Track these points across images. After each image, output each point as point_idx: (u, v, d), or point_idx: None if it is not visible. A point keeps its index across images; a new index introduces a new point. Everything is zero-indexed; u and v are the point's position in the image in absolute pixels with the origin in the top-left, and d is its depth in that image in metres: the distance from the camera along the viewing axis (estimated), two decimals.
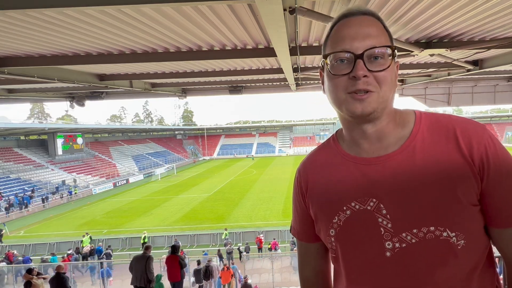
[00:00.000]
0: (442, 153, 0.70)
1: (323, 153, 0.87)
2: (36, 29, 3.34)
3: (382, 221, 0.71)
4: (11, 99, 8.41)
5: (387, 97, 0.71)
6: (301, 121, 73.43)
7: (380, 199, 0.72)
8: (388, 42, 0.72)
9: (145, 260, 6.67)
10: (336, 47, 0.71)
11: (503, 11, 3.41)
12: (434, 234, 0.68)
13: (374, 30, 0.70)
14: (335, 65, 0.71)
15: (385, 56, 0.70)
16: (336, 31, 0.73)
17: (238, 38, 4.15)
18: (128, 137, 56.57)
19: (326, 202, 0.80)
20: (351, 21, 0.71)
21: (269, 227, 17.70)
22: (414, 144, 0.73)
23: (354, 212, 0.75)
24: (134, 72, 6.49)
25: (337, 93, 0.72)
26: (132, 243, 17.06)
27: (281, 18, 2.48)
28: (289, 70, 5.49)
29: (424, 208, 0.68)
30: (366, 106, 0.69)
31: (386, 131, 0.75)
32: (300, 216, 0.90)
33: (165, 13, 3.12)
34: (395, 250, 0.70)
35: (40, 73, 5.07)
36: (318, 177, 0.83)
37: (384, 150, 0.75)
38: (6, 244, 16.90)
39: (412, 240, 0.69)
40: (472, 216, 0.70)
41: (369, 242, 0.73)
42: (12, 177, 30.65)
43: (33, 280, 6.43)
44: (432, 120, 0.76)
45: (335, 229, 0.77)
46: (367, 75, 0.68)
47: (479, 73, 6.91)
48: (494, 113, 66.00)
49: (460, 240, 0.68)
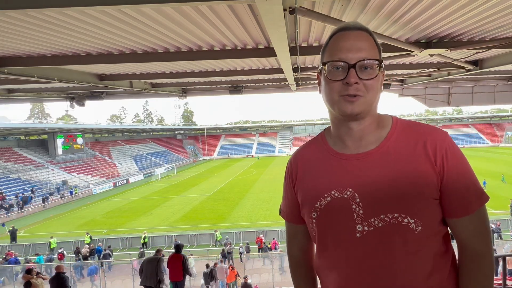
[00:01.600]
0: (412, 154, 0.85)
1: (311, 147, 1.02)
2: (36, 29, 3.34)
3: (355, 208, 0.86)
4: (11, 99, 8.41)
5: (372, 101, 0.86)
6: (301, 121, 73.38)
7: (355, 189, 0.86)
8: (377, 55, 0.86)
9: (157, 261, 6.99)
10: (333, 56, 0.85)
11: (503, 11, 3.41)
12: (397, 220, 0.82)
13: (367, 45, 0.85)
14: (332, 71, 0.85)
15: (374, 67, 0.84)
16: (334, 41, 0.87)
17: (238, 38, 4.15)
18: (128, 137, 56.55)
19: (311, 190, 0.94)
20: (348, 35, 0.86)
21: (269, 227, 17.69)
22: (389, 144, 0.88)
23: (333, 199, 0.89)
24: (134, 72, 6.49)
25: (332, 95, 0.86)
26: (132, 243, 17.06)
27: (281, 18, 2.48)
28: (289, 70, 5.49)
29: (392, 199, 0.82)
30: (355, 107, 0.84)
31: (368, 131, 0.90)
32: (289, 201, 1.05)
33: (165, 13, 3.12)
34: (363, 232, 0.85)
35: (40, 73, 5.07)
36: (306, 168, 0.98)
37: (363, 148, 0.90)
38: (6, 244, 16.90)
39: (379, 224, 0.83)
40: (431, 207, 0.84)
41: (343, 224, 0.87)
42: (12, 177, 30.64)
43: (33, 280, 6.42)
44: (405, 125, 0.92)
45: (317, 212, 0.91)
46: (358, 82, 0.83)
47: (479, 73, 6.91)
48: (494, 113, 65.97)
49: (418, 226, 0.83)
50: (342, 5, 3.19)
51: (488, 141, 60.87)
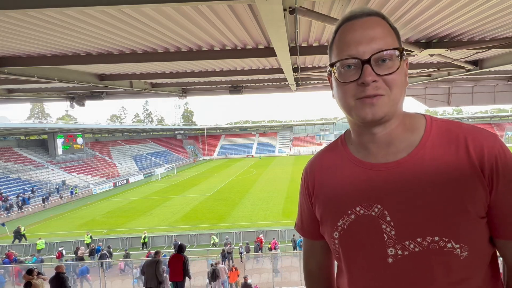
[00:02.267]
0: (452, 163, 0.69)
1: (330, 154, 0.87)
2: (36, 29, 3.35)
3: (386, 228, 0.72)
4: (11, 99, 8.41)
5: (397, 99, 0.70)
6: (301, 121, 73.34)
7: (385, 205, 0.72)
8: (395, 42, 0.70)
9: (155, 263, 7.07)
10: (341, 54, 0.70)
11: (503, 11, 3.41)
12: (438, 244, 0.67)
13: (380, 32, 0.68)
14: (343, 72, 0.70)
15: (393, 57, 0.68)
16: (340, 36, 0.72)
17: (238, 38, 4.15)
18: (128, 137, 56.54)
19: (331, 205, 0.81)
20: (354, 24, 0.70)
21: (269, 227, 17.69)
22: (423, 152, 0.72)
23: (359, 216, 0.75)
24: (134, 72, 6.49)
25: (347, 99, 0.71)
26: (132, 243, 17.05)
27: (281, 18, 2.48)
28: (289, 70, 5.49)
29: (430, 218, 0.68)
30: (377, 111, 0.68)
31: (395, 135, 0.75)
32: (306, 215, 0.92)
33: (165, 13, 3.12)
34: (397, 257, 0.71)
35: (40, 73, 5.07)
36: (325, 179, 0.84)
37: (392, 156, 0.74)
38: (6, 244, 16.89)
39: (415, 248, 0.69)
40: (479, 228, 0.69)
41: (372, 247, 0.73)
42: (12, 177, 30.63)
43: (33, 280, 6.41)
44: (443, 128, 0.75)
45: (339, 232, 0.78)
46: (376, 79, 0.67)
47: (479, 73, 6.92)
48: (494, 113, 66.00)
49: (464, 252, 0.67)
50: (342, 5, 3.19)
51: None
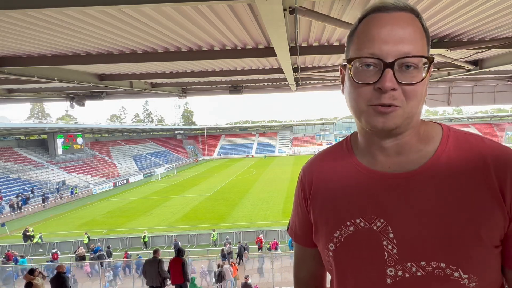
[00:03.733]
0: (470, 182, 0.61)
1: (333, 156, 0.78)
2: (36, 29, 3.35)
3: (387, 245, 0.64)
4: (11, 99, 8.41)
5: (413, 113, 0.62)
6: (301, 121, 73.33)
7: (388, 220, 0.65)
8: (425, 49, 0.61)
9: (157, 263, 7.24)
10: (362, 50, 0.61)
11: (503, 11, 3.41)
12: (444, 272, 0.60)
13: (411, 33, 0.59)
14: (360, 70, 0.61)
15: (420, 66, 0.59)
16: (365, 28, 0.62)
17: (238, 38, 4.15)
18: (128, 137, 56.54)
19: (329, 213, 0.73)
20: (384, 18, 0.60)
21: (269, 227, 17.69)
22: (437, 165, 0.64)
23: (358, 229, 0.68)
24: (134, 72, 6.49)
25: (358, 103, 0.63)
26: (132, 243, 17.05)
27: (281, 18, 2.48)
28: (289, 70, 5.49)
29: (439, 241, 0.60)
30: (389, 121, 0.60)
31: (407, 146, 0.67)
32: (300, 219, 0.83)
33: (165, 13, 3.12)
34: (396, 278, 0.63)
35: (40, 73, 5.07)
36: (324, 183, 0.76)
37: (402, 167, 0.66)
38: (6, 244, 16.89)
39: (418, 272, 0.61)
40: (491, 258, 0.61)
41: (370, 265, 0.66)
42: (12, 177, 30.63)
43: (34, 281, 6.40)
44: (461, 140, 0.66)
45: (335, 244, 0.71)
46: (395, 88, 0.58)
47: (479, 73, 6.92)
48: (494, 113, 65.98)
49: (472, 282, 0.60)
50: (342, 5, 3.19)
51: None
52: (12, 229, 21.09)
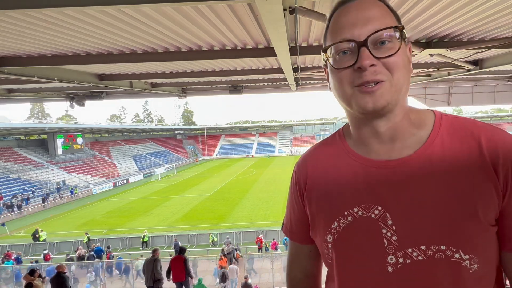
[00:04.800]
0: (464, 164, 0.62)
1: (327, 148, 0.79)
2: (36, 29, 3.34)
3: (387, 233, 0.64)
4: (11, 99, 8.41)
5: (400, 85, 0.62)
6: (301, 121, 73.35)
7: (386, 207, 0.65)
8: (394, 22, 0.63)
9: (153, 262, 7.29)
10: (335, 38, 0.64)
11: (503, 11, 3.41)
12: (445, 254, 0.60)
13: (376, 12, 0.62)
14: (337, 58, 0.64)
15: (393, 39, 0.61)
16: (334, 21, 0.66)
17: (238, 38, 4.15)
18: (128, 137, 56.55)
19: (325, 204, 0.73)
20: (349, 7, 0.64)
21: (269, 227, 17.68)
22: (431, 149, 0.65)
23: (356, 219, 0.67)
24: (134, 72, 6.49)
25: (343, 88, 0.64)
26: (132, 243, 17.05)
27: (281, 18, 2.48)
28: (289, 70, 5.49)
29: (437, 224, 0.61)
30: (378, 99, 0.61)
31: (400, 130, 0.67)
32: (296, 215, 0.82)
33: (165, 13, 3.12)
34: (397, 266, 0.63)
35: (40, 73, 5.07)
36: (319, 175, 0.76)
37: (396, 153, 0.67)
38: (6, 244, 16.89)
39: (419, 257, 0.62)
40: (490, 238, 0.62)
41: (370, 254, 0.66)
42: (12, 177, 30.64)
43: (34, 281, 6.39)
44: (454, 124, 0.67)
45: (333, 235, 0.70)
46: (374, 63, 0.60)
47: (479, 73, 6.92)
48: (494, 113, 65.99)
49: (473, 264, 0.60)
50: None
51: None
52: (12, 229, 21.10)
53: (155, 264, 7.24)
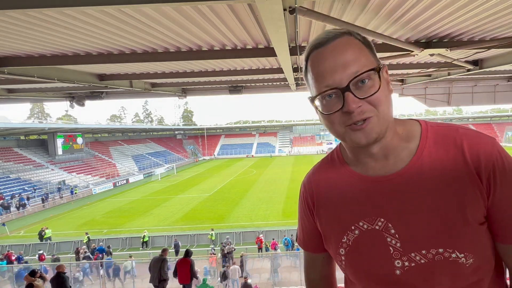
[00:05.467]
0: (450, 171, 0.68)
1: (328, 169, 0.86)
2: (36, 29, 3.34)
3: (391, 241, 0.71)
4: (11, 99, 8.41)
5: (387, 115, 0.69)
6: (301, 121, 73.31)
7: (388, 218, 0.72)
8: (369, 59, 0.68)
9: (161, 262, 7.39)
10: (319, 87, 0.68)
11: (503, 11, 3.41)
12: (443, 256, 0.67)
13: (351, 54, 0.66)
14: (325, 103, 0.69)
15: (372, 76, 0.66)
16: (313, 66, 0.70)
17: (238, 38, 4.15)
18: (128, 137, 56.54)
19: (334, 221, 0.80)
20: (324, 52, 0.67)
21: (269, 227, 17.68)
22: (421, 161, 0.71)
23: (363, 231, 0.75)
24: (134, 72, 6.49)
25: (336, 128, 0.70)
26: (132, 243, 17.06)
27: (281, 18, 2.48)
28: (289, 70, 5.49)
29: (433, 229, 0.68)
30: (369, 134, 0.67)
31: (391, 147, 0.73)
32: (308, 230, 0.91)
33: (165, 13, 3.12)
34: (405, 269, 0.71)
35: (40, 73, 5.07)
36: (325, 194, 0.83)
37: (391, 168, 0.73)
38: (6, 244, 16.89)
39: (421, 260, 0.69)
40: (480, 235, 0.69)
41: (379, 261, 0.73)
42: (12, 177, 30.64)
43: (35, 282, 6.38)
44: (439, 133, 0.73)
45: (345, 248, 0.78)
46: (360, 104, 0.66)
47: (479, 73, 6.91)
48: (494, 113, 65.99)
49: (469, 259, 0.67)
50: (342, 5, 3.18)
51: None
52: (12, 229, 21.10)
53: (163, 264, 7.33)
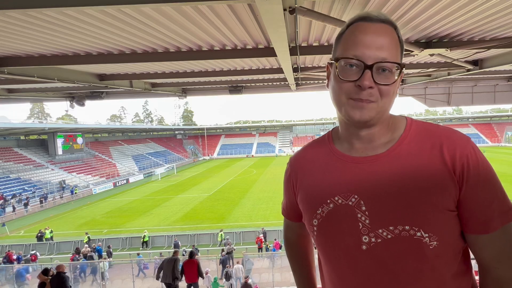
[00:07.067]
0: (426, 160, 0.74)
1: (315, 147, 0.93)
2: (36, 29, 3.34)
3: (361, 217, 0.76)
4: (11, 99, 8.41)
5: (385, 108, 0.76)
6: (301, 121, 73.34)
7: (361, 196, 0.77)
8: (398, 57, 0.74)
9: (174, 261, 7.98)
10: (348, 52, 0.73)
11: (503, 11, 3.41)
12: (409, 233, 0.72)
13: (389, 42, 0.72)
14: (344, 69, 0.74)
15: (393, 70, 0.72)
16: (351, 33, 0.74)
17: (238, 38, 4.15)
18: (128, 137, 56.53)
19: (312, 195, 0.86)
20: (368, 27, 0.72)
21: (269, 227, 17.69)
22: (400, 148, 0.78)
23: (337, 206, 0.80)
24: (134, 72, 6.49)
25: (340, 96, 0.76)
26: (132, 243, 17.05)
27: (281, 18, 2.48)
28: (289, 70, 5.49)
29: (401, 209, 0.73)
30: (364, 114, 0.74)
31: (378, 134, 0.80)
32: (290, 202, 1.01)
33: (165, 13, 3.12)
34: (370, 244, 0.75)
35: (40, 73, 5.08)
36: (307, 170, 0.90)
37: (372, 151, 0.80)
38: (6, 244, 16.90)
39: (388, 236, 0.74)
40: (447, 220, 0.73)
41: (348, 235, 0.78)
42: (12, 177, 30.64)
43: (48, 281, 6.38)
44: (421, 128, 0.81)
45: (318, 219, 0.83)
46: (372, 86, 0.71)
47: (479, 73, 6.92)
48: (494, 113, 66.03)
49: (433, 241, 0.72)
50: (342, 5, 3.19)
51: (488, 141, 60.83)
52: (12, 229, 21.11)
53: (176, 263, 7.89)
